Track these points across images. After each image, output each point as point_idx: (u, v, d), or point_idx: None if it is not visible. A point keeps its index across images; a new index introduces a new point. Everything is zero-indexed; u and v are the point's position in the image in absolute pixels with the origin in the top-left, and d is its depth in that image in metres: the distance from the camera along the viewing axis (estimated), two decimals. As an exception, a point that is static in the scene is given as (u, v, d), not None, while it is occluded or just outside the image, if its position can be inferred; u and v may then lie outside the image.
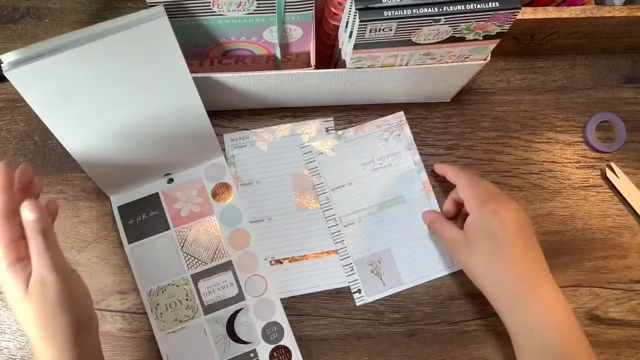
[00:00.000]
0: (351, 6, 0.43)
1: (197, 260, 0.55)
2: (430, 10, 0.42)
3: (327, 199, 0.58)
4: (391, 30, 0.44)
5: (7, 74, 0.40)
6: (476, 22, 0.44)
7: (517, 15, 0.43)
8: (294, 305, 0.55)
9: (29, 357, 0.53)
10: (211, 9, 0.45)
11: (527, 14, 0.52)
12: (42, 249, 0.39)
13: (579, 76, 0.63)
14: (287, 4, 0.46)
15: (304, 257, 0.56)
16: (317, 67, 0.51)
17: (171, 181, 0.57)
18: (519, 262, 0.47)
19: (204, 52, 0.52)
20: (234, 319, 0.54)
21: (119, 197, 0.56)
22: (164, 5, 0.43)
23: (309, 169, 0.58)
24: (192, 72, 0.47)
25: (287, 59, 0.55)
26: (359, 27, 0.43)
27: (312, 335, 0.54)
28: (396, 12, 0.42)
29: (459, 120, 0.60)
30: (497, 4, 0.42)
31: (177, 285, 0.54)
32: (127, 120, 0.48)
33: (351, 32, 0.45)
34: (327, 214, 0.57)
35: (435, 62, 0.50)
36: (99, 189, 0.55)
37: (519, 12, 0.43)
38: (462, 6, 0.42)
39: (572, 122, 0.61)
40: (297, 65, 0.56)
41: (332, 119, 0.60)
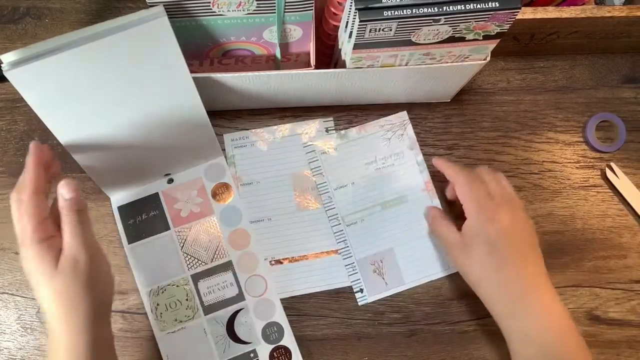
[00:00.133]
0: (351, 6, 0.43)
1: (197, 260, 0.55)
2: (430, 10, 0.42)
3: (329, 198, 0.58)
4: (391, 30, 0.44)
5: (7, 74, 0.40)
6: (476, 22, 0.44)
7: (517, 15, 0.43)
8: (294, 305, 0.55)
9: (29, 357, 0.53)
10: (211, 9, 0.45)
11: (527, 14, 0.52)
12: (76, 228, 0.41)
13: (578, 76, 0.63)
14: (287, 4, 0.46)
15: (304, 257, 0.56)
16: (317, 67, 0.51)
17: (171, 181, 0.57)
18: (515, 267, 0.47)
19: (204, 52, 0.52)
20: (234, 319, 0.54)
21: (119, 197, 0.56)
22: (164, 5, 0.43)
23: (312, 169, 0.58)
24: (192, 72, 0.47)
25: (287, 59, 0.55)
26: (358, 27, 0.43)
27: (312, 335, 0.54)
28: (396, 12, 0.42)
29: (459, 120, 0.60)
30: (497, 4, 0.42)
31: (177, 285, 0.54)
32: (127, 120, 0.48)
33: (351, 32, 0.45)
34: (330, 213, 0.57)
35: (435, 62, 0.50)
36: (99, 189, 0.55)
37: (518, 12, 0.43)
38: (462, 6, 0.42)
39: (572, 122, 0.61)
40: (297, 65, 0.56)
41: (332, 119, 0.60)
